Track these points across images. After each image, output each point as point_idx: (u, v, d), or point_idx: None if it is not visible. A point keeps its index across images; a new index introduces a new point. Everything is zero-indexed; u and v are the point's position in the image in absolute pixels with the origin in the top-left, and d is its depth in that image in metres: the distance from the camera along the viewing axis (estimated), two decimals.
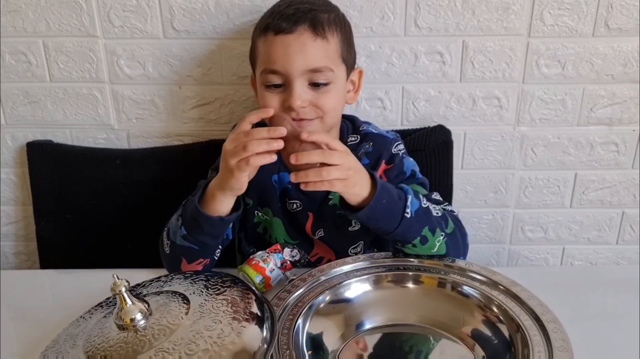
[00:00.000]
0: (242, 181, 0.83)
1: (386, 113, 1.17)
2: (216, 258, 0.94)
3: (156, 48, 1.13)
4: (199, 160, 1.15)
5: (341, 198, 0.85)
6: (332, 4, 0.98)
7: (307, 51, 0.88)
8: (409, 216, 0.84)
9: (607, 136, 1.19)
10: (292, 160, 0.79)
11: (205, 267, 0.93)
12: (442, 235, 0.88)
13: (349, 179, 0.80)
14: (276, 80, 0.90)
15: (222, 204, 0.87)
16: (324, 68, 0.89)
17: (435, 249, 0.88)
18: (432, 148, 1.13)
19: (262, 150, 0.79)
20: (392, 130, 1.16)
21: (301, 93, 0.88)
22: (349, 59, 0.96)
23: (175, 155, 1.18)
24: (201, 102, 1.17)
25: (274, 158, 0.81)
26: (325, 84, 0.90)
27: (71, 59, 1.14)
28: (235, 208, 0.89)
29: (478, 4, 1.08)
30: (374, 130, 1.02)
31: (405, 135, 1.13)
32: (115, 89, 1.16)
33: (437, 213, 0.90)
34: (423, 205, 0.88)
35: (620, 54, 1.11)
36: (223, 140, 1.17)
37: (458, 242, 0.92)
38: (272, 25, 0.90)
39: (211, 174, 1.01)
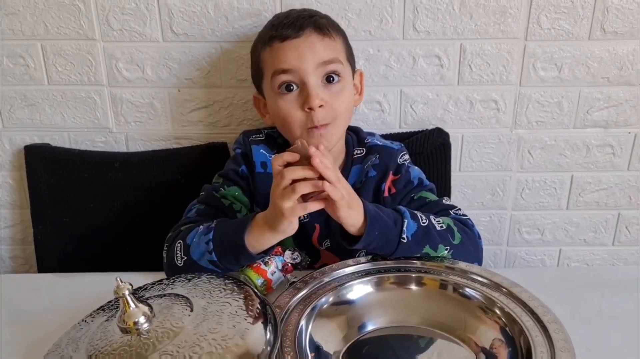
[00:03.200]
0: (294, 223, 0.82)
1: (384, 116, 1.18)
2: None
3: (155, 51, 1.13)
4: (198, 163, 1.15)
5: (341, 229, 0.85)
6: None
7: (316, 49, 0.90)
8: (405, 241, 0.86)
9: (603, 138, 1.20)
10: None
11: None
12: (446, 249, 0.89)
13: (344, 199, 0.80)
14: (289, 78, 0.90)
15: (270, 242, 0.85)
16: (335, 59, 0.91)
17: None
18: (430, 151, 1.14)
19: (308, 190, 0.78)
20: (391, 134, 1.17)
21: (317, 92, 0.89)
22: (351, 60, 0.99)
23: (174, 158, 1.18)
24: (200, 105, 1.17)
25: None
26: (338, 80, 0.92)
27: (69, 62, 1.13)
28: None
29: (476, 7, 1.08)
30: (378, 142, 1.02)
31: (403, 138, 1.14)
32: (114, 92, 1.16)
33: (442, 227, 0.90)
34: (422, 224, 0.88)
35: (616, 57, 1.12)
36: (222, 143, 1.18)
37: (468, 252, 0.91)
38: (276, 35, 0.91)
39: (217, 179, 1.01)
